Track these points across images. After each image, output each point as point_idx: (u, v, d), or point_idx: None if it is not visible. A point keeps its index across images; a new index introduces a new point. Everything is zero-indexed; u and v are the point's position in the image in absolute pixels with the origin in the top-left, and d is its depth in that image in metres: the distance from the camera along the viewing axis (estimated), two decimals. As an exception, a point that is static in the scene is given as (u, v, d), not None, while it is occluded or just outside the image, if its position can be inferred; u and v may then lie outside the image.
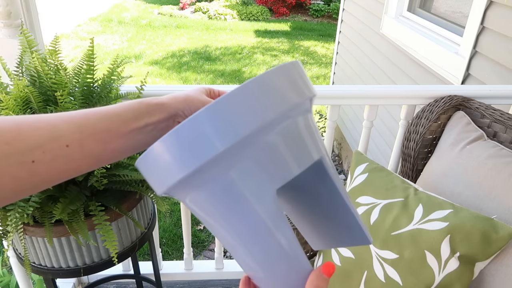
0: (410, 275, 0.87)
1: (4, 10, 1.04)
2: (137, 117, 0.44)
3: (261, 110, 0.33)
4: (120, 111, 0.44)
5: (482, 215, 0.85)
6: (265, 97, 0.33)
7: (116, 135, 0.42)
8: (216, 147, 0.31)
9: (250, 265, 0.38)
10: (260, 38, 6.94)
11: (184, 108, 0.48)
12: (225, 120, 0.32)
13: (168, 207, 1.01)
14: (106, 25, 7.35)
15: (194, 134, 0.32)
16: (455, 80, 1.88)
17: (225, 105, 0.32)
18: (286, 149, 0.35)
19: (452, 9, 2.25)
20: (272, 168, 0.34)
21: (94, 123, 0.41)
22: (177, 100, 0.48)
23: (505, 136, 1.05)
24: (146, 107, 0.45)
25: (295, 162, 0.35)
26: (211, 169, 0.32)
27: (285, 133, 0.35)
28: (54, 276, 1.00)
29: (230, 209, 0.34)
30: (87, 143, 0.40)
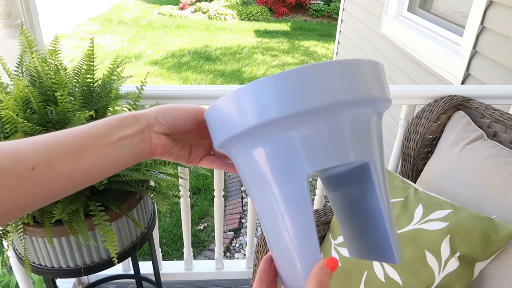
0: (410, 275, 0.87)
1: (4, 10, 1.04)
2: (109, 132, 0.42)
3: (342, 88, 0.33)
4: (90, 128, 0.42)
5: (482, 215, 0.85)
6: (350, 79, 0.34)
7: (87, 152, 0.40)
8: (288, 108, 0.33)
9: (268, 236, 0.39)
10: (260, 38, 6.94)
11: (158, 115, 0.45)
12: (307, 85, 0.33)
13: (168, 207, 1.01)
14: (106, 25, 7.35)
15: (274, 91, 0.33)
16: (455, 80, 1.88)
17: (311, 72, 0.33)
18: (343, 136, 0.35)
19: (452, 9, 2.25)
20: (322, 148, 0.35)
21: (61, 142, 0.39)
22: (150, 110, 0.46)
23: (505, 136, 1.05)
24: (117, 121, 0.43)
25: (343, 153, 0.35)
26: (276, 126, 0.34)
27: (353, 121, 0.35)
28: (54, 276, 1.00)
29: (268, 171, 0.36)
30: (55, 163, 0.38)
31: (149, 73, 5.23)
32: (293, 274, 0.38)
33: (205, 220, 2.56)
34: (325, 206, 2.30)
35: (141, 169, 0.92)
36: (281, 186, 0.36)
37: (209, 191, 2.82)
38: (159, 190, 1.01)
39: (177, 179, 1.05)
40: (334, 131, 0.35)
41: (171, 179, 1.00)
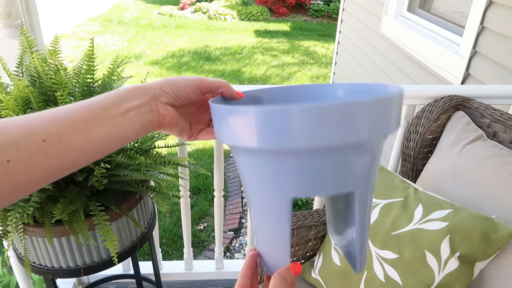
0: (410, 275, 0.87)
1: (4, 10, 1.04)
2: (115, 103, 0.43)
3: (338, 133, 0.33)
4: (98, 100, 0.43)
5: (482, 215, 0.85)
6: (348, 123, 0.33)
7: (97, 124, 0.41)
8: (295, 143, 0.34)
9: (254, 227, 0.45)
10: (260, 38, 6.94)
11: (163, 86, 0.46)
12: (317, 125, 0.33)
13: (168, 207, 1.01)
14: (106, 25, 7.35)
15: (284, 121, 0.33)
16: (455, 80, 1.88)
17: (320, 114, 0.33)
18: (328, 173, 0.36)
19: (452, 9, 2.25)
20: (307, 183, 0.36)
21: (70, 115, 0.40)
22: (154, 82, 0.47)
23: (505, 136, 1.05)
24: (124, 93, 0.44)
25: (324, 188, 0.37)
26: (278, 154, 0.36)
27: (344, 161, 0.36)
28: (54, 276, 1.00)
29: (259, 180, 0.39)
30: (66, 136, 0.38)
31: (149, 73, 5.22)
32: (270, 267, 0.44)
33: (205, 220, 2.56)
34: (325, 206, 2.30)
35: (141, 169, 0.92)
36: (267, 200, 0.40)
37: (209, 191, 2.82)
38: (159, 190, 1.01)
39: (177, 179, 1.05)
40: (322, 169, 0.36)
41: (171, 179, 1.00)
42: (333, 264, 1.01)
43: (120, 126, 0.43)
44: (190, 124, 0.51)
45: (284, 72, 5.56)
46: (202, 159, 3.30)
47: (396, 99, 0.37)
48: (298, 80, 5.33)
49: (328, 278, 1.02)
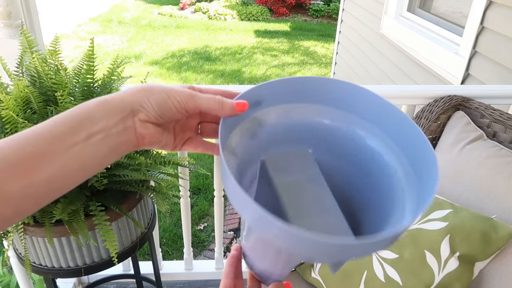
0: (410, 275, 0.87)
1: (4, 11, 1.04)
2: (74, 129, 0.33)
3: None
4: (49, 127, 0.33)
5: (482, 215, 0.85)
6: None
7: (45, 160, 0.32)
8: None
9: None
10: (260, 38, 6.94)
11: (144, 103, 0.36)
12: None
13: (168, 207, 1.01)
14: (106, 25, 7.35)
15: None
16: (454, 80, 1.88)
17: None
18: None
19: (452, 9, 2.25)
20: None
21: (9, 153, 0.31)
22: (130, 94, 0.36)
23: (505, 136, 1.05)
24: (86, 113, 0.34)
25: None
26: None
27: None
28: (54, 276, 1.00)
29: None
30: (2, 182, 0.30)
31: (149, 73, 5.23)
32: (264, 278, 0.45)
33: (205, 220, 2.56)
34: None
35: (141, 169, 0.92)
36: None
37: (209, 191, 2.82)
38: (159, 190, 1.01)
39: (177, 179, 1.06)
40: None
41: (171, 179, 1.00)
42: (333, 264, 1.01)
43: (79, 157, 0.34)
44: (174, 133, 0.42)
45: (284, 72, 5.56)
46: (202, 159, 3.30)
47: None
48: (298, 80, 5.32)
49: (328, 278, 1.02)
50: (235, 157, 0.41)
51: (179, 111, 0.38)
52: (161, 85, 0.38)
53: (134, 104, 0.36)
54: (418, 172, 0.38)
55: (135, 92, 0.37)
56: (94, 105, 0.35)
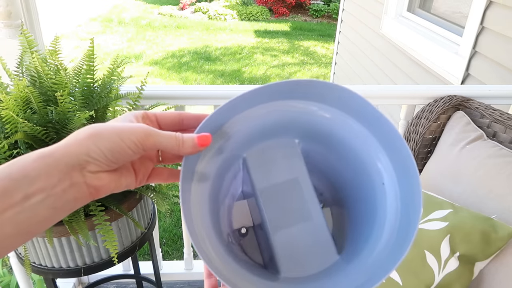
0: (410, 275, 0.87)
1: (4, 11, 1.04)
2: (7, 190, 0.28)
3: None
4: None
5: (482, 215, 0.85)
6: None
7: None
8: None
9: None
10: (260, 38, 6.94)
11: (91, 151, 0.31)
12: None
13: (168, 207, 1.01)
14: (106, 25, 7.35)
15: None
16: (454, 80, 1.88)
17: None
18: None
19: (452, 9, 2.25)
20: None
21: None
22: (73, 143, 0.31)
23: (505, 136, 1.05)
24: (22, 170, 0.29)
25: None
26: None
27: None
28: (54, 276, 1.00)
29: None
30: None
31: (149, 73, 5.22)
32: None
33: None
34: (325, 206, 2.29)
35: (141, 169, 0.92)
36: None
37: (209, 191, 2.82)
38: (159, 190, 1.01)
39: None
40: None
41: (171, 179, 1.00)
42: (333, 264, 1.01)
43: (17, 221, 0.29)
44: (134, 170, 0.38)
45: (284, 72, 5.56)
46: (202, 159, 3.30)
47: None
48: (298, 80, 5.32)
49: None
50: (208, 177, 0.39)
51: (136, 152, 0.33)
52: (111, 126, 0.33)
53: (80, 155, 0.31)
54: (403, 193, 0.38)
55: (82, 139, 0.31)
56: (32, 161, 0.29)
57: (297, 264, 0.39)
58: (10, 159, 0.82)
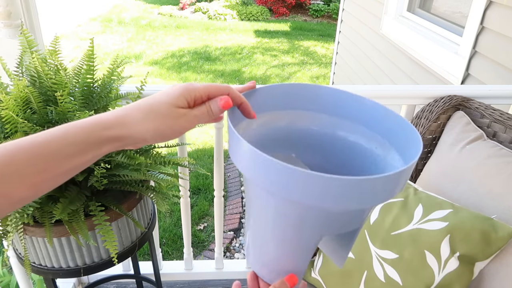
0: (410, 275, 0.87)
1: (4, 11, 1.04)
2: (82, 151, 0.37)
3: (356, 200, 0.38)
4: (59, 145, 0.36)
5: (482, 215, 0.85)
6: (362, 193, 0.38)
7: (51, 174, 0.36)
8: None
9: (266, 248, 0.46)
10: (260, 38, 6.94)
11: (149, 137, 0.40)
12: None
13: (168, 207, 1.01)
14: (106, 25, 7.35)
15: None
16: (454, 80, 1.88)
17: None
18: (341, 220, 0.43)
19: (452, 9, 2.25)
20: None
21: (20, 167, 0.34)
22: (139, 133, 0.39)
23: (505, 136, 1.05)
24: (97, 139, 0.37)
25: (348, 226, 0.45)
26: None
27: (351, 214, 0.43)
28: (54, 276, 1.00)
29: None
30: (13, 191, 0.34)
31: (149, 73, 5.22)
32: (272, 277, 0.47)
33: (205, 220, 2.56)
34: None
35: (141, 169, 0.92)
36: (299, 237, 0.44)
37: (209, 191, 2.82)
38: (159, 190, 1.01)
39: (177, 179, 1.05)
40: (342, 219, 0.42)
41: (171, 179, 1.00)
42: (333, 264, 1.01)
43: (78, 170, 0.39)
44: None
45: (284, 72, 5.56)
46: (202, 159, 3.30)
47: (408, 171, 0.39)
48: (298, 80, 5.33)
49: (328, 278, 1.02)
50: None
51: (181, 133, 0.42)
52: (169, 126, 0.40)
53: (143, 137, 0.40)
54: (399, 145, 0.45)
55: (150, 129, 0.39)
56: (106, 135, 0.38)
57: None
58: (10, 159, 0.82)
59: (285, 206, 0.40)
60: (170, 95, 0.41)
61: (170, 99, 0.40)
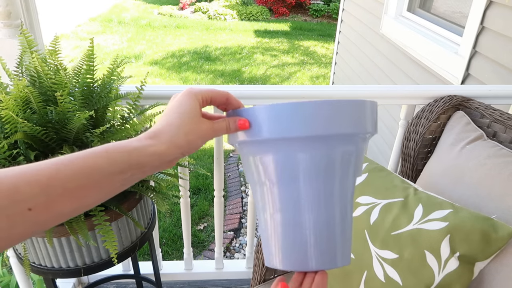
0: (410, 275, 0.87)
1: (4, 10, 1.04)
2: (123, 170, 0.38)
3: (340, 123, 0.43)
4: (103, 164, 0.37)
5: (482, 215, 0.85)
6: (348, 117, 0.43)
7: (93, 190, 0.37)
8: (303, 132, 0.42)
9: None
10: (260, 38, 6.94)
11: (181, 154, 0.42)
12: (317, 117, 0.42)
13: (168, 207, 1.01)
14: (106, 25, 7.35)
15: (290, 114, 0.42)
16: (455, 80, 1.88)
17: (323, 107, 0.42)
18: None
19: (452, 9, 2.25)
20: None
21: (64, 181, 0.35)
22: (177, 148, 0.41)
23: (505, 136, 1.05)
24: (136, 161, 0.39)
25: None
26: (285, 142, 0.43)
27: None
28: (54, 276, 1.00)
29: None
30: (55, 204, 0.35)
31: (149, 73, 5.22)
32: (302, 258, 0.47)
33: (205, 220, 2.56)
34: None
35: (141, 169, 0.92)
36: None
37: (209, 191, 2.82)
38: (159, 190, 1.01)
39: (177, 179, 1.05)
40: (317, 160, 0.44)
41: (171, 179, 1.00)
42: (333, 264, 1.01)
43: (120, 188, 0.40)
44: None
45: (284, 72, 5.56)
46: (202, 159, 3.30)
47: (368, 105, 0.45)
48: (298, 80, 5.33)
49: (328, 278, 1.02)
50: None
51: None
52: (198, 139, 0.44)
53: (175, 157, 0.43)
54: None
55: (181, 145, 0.42)
56: (146, 156, 0.40)
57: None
58: (10, 159, 0.82)
59: (314, 155, 0.43)
60: (188, 106, 0.44)
61: (190, 109, 0.44)
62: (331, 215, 0.45)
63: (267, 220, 0.46)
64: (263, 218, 0.47)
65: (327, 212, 0.45)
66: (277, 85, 3.46)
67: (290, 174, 0.43)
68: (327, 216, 0.45)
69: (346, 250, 0.48)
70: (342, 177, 0.45)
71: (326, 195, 0.44)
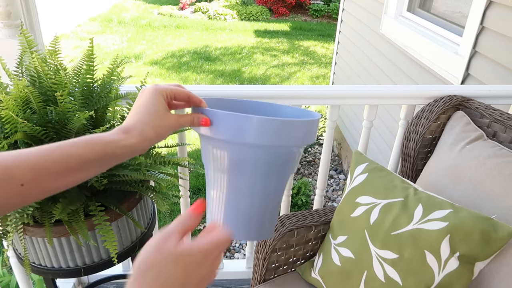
0: (410, 275, 0.87)
1: (4, 11, 1.04)
2: (99, 158, 0.46)
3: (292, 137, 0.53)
4: (83, 152, 0.45)
5: (482, 215, 0.85)
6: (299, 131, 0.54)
7: (76, 172, 0.45)
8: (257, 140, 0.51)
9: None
10: (260, 38, 6.94)
11: (150, 144, 0.50)
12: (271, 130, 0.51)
13: (168, 207, 1.01)
14: (106, 25, 7.35)
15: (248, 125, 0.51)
16: (454, 80, 1.88)
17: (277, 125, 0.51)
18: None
19: (452, 9, 2.25)
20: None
21: (50, 165, 0.43)
22: (147, 141, 0.49)
23: (505, 136, 1.05)
24: (111, 153, 0.46)
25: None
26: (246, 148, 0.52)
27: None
28: (54, 276, 1.00)
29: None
30: (43, 182, 0.43)
31: (149, 73, 5.22)
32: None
33: (205, 220, 2.56)
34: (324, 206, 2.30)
35: (141, 169, 0.92)
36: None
37: (209, 191, 2.81)
38: (159, 190, 1.01)
39: (177, 179, 1.05)
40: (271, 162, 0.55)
41: (171, 179, 1.00)
42: (333, 264, 1.01)
43: (100, 168, 0.47)
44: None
45: (284, 72, 5.56)
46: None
47: (316, 123, 0.56)
48: (298, 80, 5.33)
49: (328, 278, 1.02)
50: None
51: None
52: (159, 133, 0.50)
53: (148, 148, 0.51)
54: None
55: (152, 137, 0.50)
56: (120, 149, 0.47)
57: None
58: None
59: (259, 157, 0.52)
60: (157, 105, 0.51)
61: (159, 108, 0.51)
62: (264, 201, 0.57)
63: (214, 195, 0.57)
64: (212, 194, 0.58)
65: (262, 198, 0.57)
66: (277, 85, 3.46)
67: (238, 168, 0.53)
68: (261, 201, 0.57)
69: (272, 227, 0.60)
70: (279, 174, 0.56)
71: (263, 186, 0.56)
